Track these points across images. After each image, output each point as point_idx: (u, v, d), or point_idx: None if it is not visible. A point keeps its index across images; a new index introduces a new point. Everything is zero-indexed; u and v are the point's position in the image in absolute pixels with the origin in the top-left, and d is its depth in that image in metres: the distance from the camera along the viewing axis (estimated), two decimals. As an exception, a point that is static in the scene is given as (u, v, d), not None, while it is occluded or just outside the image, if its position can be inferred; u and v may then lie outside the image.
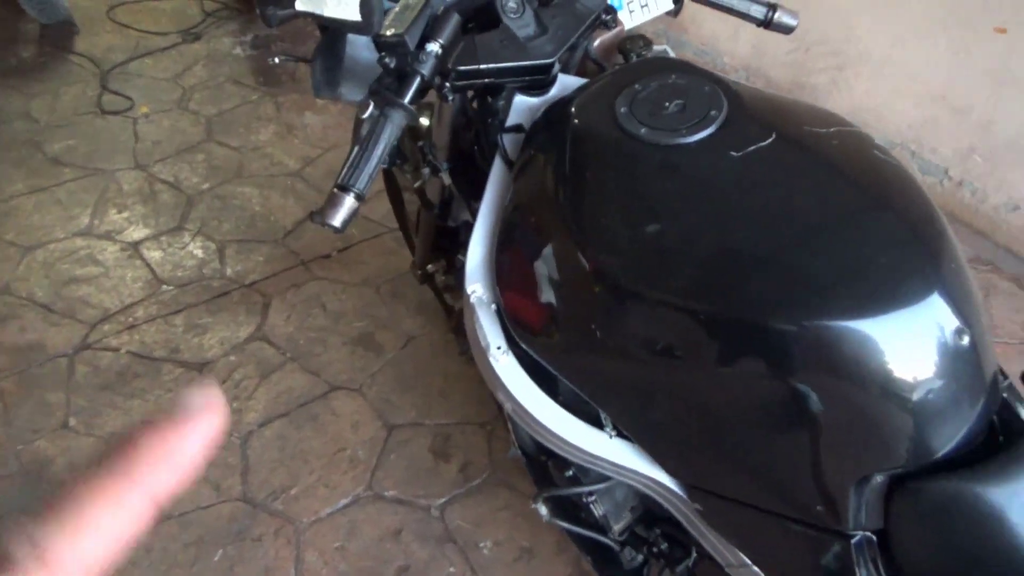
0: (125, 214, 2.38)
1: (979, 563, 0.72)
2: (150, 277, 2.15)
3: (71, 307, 2.06)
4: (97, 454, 0.26)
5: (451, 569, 1.54)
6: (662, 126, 0.86)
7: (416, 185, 1.46)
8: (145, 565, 1.52)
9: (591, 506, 1.16)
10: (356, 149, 0.92)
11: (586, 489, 1.10)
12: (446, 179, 1.25)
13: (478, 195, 1.27)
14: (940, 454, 0.74)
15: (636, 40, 1.21)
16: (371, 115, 0.95)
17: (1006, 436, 0.78)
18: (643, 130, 0.86)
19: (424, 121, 1.37)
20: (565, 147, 0.93)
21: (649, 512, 1.19)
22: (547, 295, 0.92)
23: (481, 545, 1.58)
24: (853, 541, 0.78)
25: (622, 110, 0.90)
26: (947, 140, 2.39)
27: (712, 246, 0.79)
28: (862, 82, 2.54)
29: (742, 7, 1.11)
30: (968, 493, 0.71)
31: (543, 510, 1.20)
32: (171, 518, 1.59)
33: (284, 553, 1.55)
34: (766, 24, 1.11)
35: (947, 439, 0.75)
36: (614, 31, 1.22)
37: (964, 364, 0.75)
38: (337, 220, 0.88)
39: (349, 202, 0.88)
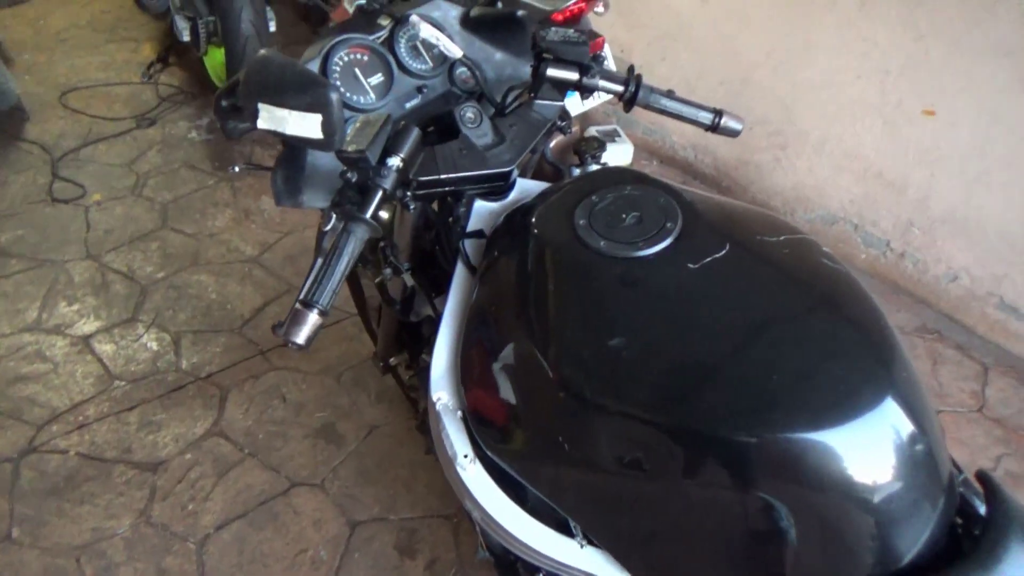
0: (75, 306, 2.32)
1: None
2: (101, 372, 2.09)
3: (17, 407, 1.98)
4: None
5: (420, 675, 1.49)
6: (620, 239, 0.89)
7: (376, 281, 1.47)
8: None
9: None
10: (319, 263, 0.93)
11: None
12: (408, 280, 1.26)
13: (439, 290, 1.29)
14: (906, 560, 0.76)
15: (591, 142, 1.25)
16: (334, 228, 0.96)
17: (967, 537, 0.80)
18: (602, 243, 0.89)
19: (384, 214, 1.38)
20: (527, 257, 0.96)
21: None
22: (512, 405, 0.92)
23: (449, 648, 1.54)
24: (827, 651, 0.78)
25: (581, 222, 0.92)
26: (887, 214, 2.50)
27: (671, 359, 0.81)
28: (803, 160, 2.66)
29: (690, 114, 1.16)
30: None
31: (514, 616, 1.17)
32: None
33: (244, 667, 1.48)
34: (713, 129, 1.17)
35: (910, 545, 0.76)
36: (566, 136, 1.27)
37: (921, 468, 0.77)
38: (301, 338, 0.88)
39: (313, 319, 0.88)
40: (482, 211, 1.11)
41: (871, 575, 0.76)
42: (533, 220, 0.98)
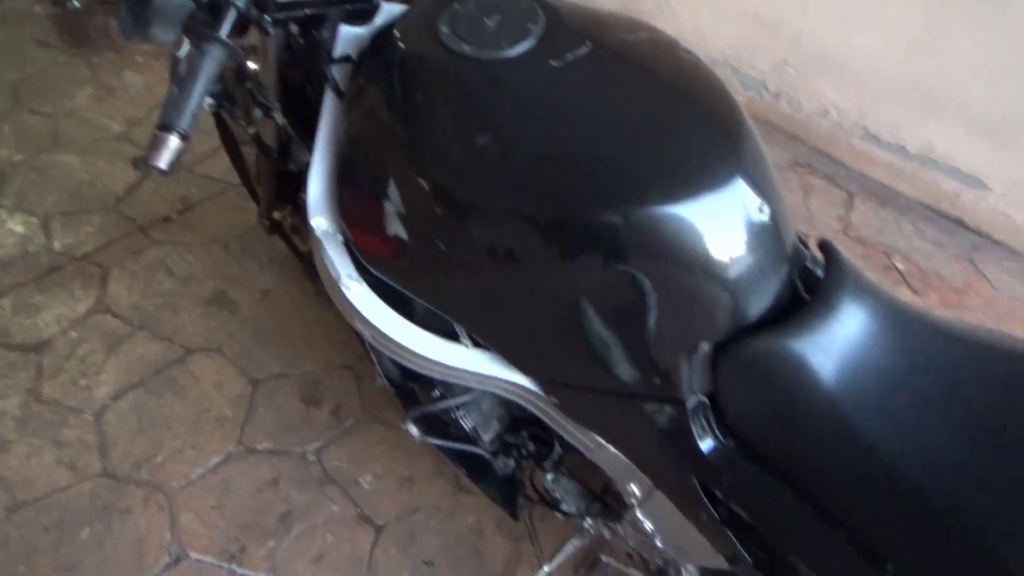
0: (-75, 196, 2.14)
1: (790, 406, 0.81)
2: (-35, 261, 1.96)
3: None
4: None
5: (334, 508, 1.56)
6: (483, 42, 0.89)
7: (252, 132, 1.41)
8: (2, 558, 1.43)
9: (460, 421, 1.20)
10: (174, 88, 0.88)
11: (452, 402, 1.14)
12: (279, 119, 1.22)
13: (313, 133, 1.25)
14: (753, 318, 0.83)
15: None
16: (187, 53, 0.91)
17: (809, 295, 0.88)
18: (466, 47, 0.88)
19: (252, 65, 1.32)
20: (394, 73, 0.94)
21: (514, 419, 1.25)
22: (390, 218, 0.93)
23: (361, 480, 1.61)
24: (688, 406, 0.86)
25: (444, 30, 0.91)
26: (763, 55, 2.57)
27: (539, 152, 0.83)
28: (684, 7, 2.67)
29: None
30: (776, 347, 0.80)
31: (414, 430, 1.23)
32: (25, 505, 1.50)
33: (157, 520, 1.51)
34: None
35: (758, 304, 0.83)
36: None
37: (767, 236, 0.83)
38: (162, 162, 0.85)
39: (173, 142, 0.85)
40: (348, 37, 1.07)
41: (724, 332, 0.83)
42: (397, 34, 0.96)
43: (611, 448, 1.00)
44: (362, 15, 1.07)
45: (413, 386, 1.27)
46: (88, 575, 1.42)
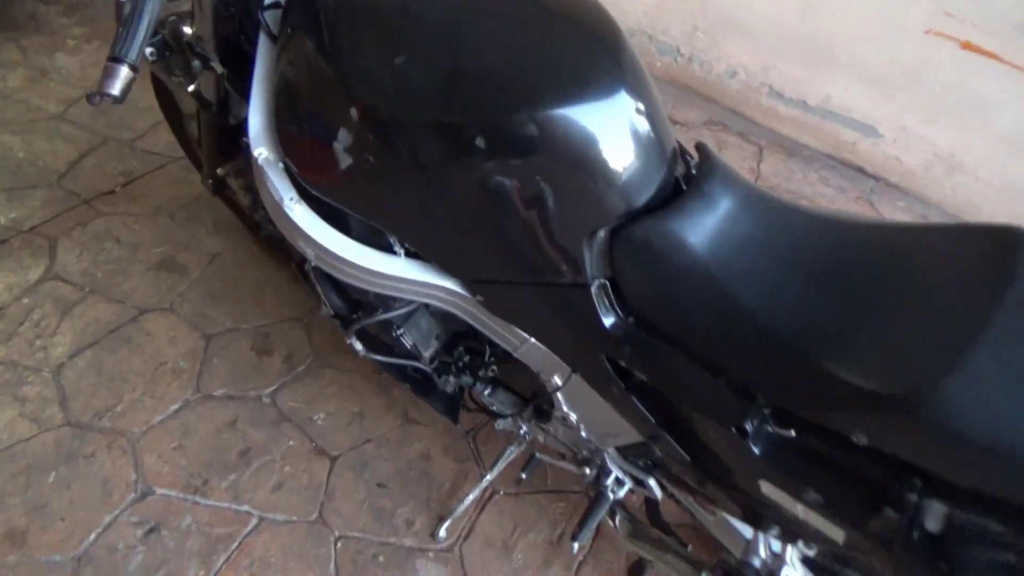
0: None
1: (674, 277, 0.96)
2: (-91, 238, 2.00)
3: None
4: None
5: (290, 443, 1.67)
6: (396, -25, 1.02)
7: (192, 89, 1.51)
8: (-29, 506, 1.51)
9: (401, 339, 1.33)
10: (121, 28, 0.99)
11: (391, 315, 1.26)
12: (218, 68, 1.32)
13: (250, 83, 1.37)
14: (640, 207, 0.98)
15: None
16: None
17: (687, 185, 1.04)
18: (380, -20, 1.01)
19: (187, 30, 1.42)
20: (318, 11, 1.06)
21: (451, 335, 1.39)
22: (324, 142, 1.05)
23: (315, 418, 1.72)
24: (592, 288, 1.01)
25: (361, -33, 1.04)
26: (675, 22, 2.75)
27: (448, 69, 0.96)
28: (601, -23, 2.83)
29: None
30: (660, 229, 0.95)
31: (358, 345, 1.36)
32: (-9, 456, 1.58)
33: (121, 462, 1.60)
34: None
35: (644, 195, 0.98)
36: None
37: (648, 135, 0.98)
38: (115, 89, 0.95)
39: (124, 71, 0.96)
40: None
41: (617, 220, 0.97)
42: (320, -25, 1.08)
43: (532, 340, 1.15)
44: None
45: (358, 315, 1.39)
46: (58, 513, 1.51)
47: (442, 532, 1.56)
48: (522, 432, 1.47)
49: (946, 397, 0.73)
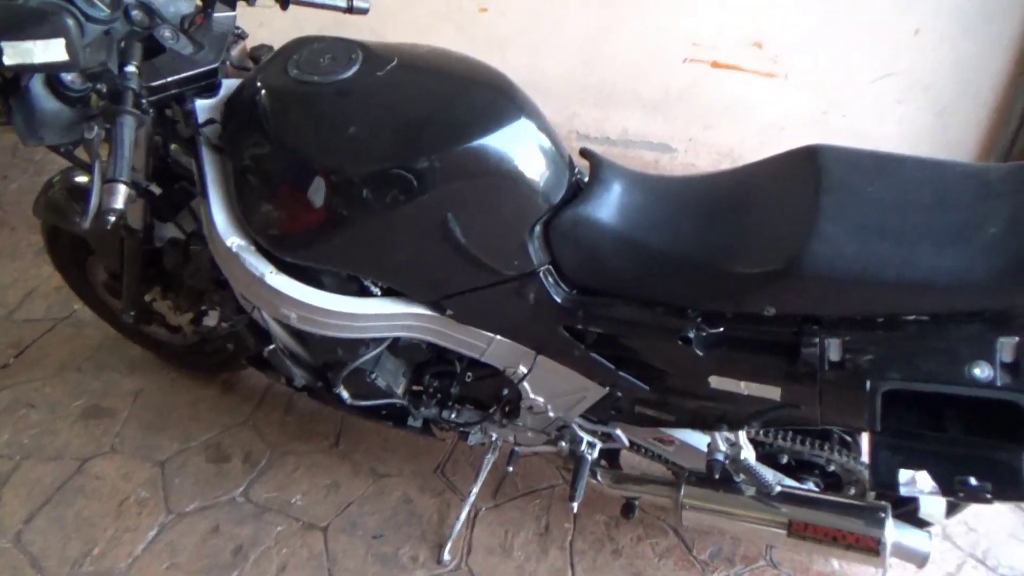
0: None
1: (594, 246, 1.26)
2: None
3: None
4: None
5: (278, 528, 1.76)
6: (326, 71, 1.27)
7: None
8: None
9: (375, 381, 1.52)
10: (98, 161, 1.15)
11: (360, 361, 1.45)
12: (156, 190, 1.48)
13: (176, 210, 1.55)
14: (558, 200, 1.28)
15: (262, 48, 1.58)
16: (98, 133, 1.18)
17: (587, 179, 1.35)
18: (315, 78, 1.26)
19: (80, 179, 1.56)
20: (265, 111, 1.28)
21: (416, 367, 1.59)
22: (297, 211, 1.27)
23: (292, 501, 1.82)
24: (539, 273, 1.29)
25: (294, 72, 1.28)
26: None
27: (389, 128, 1.23)
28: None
29: (329, 2, 1.55)
30: (577, 213, 1.25)
31: (345, 393, 1.52)
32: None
33: (119, 597, 1.61)
34: (348, 10, 1.57)
35: (559, 191, 1.28)
36: (240, 46, 1.58)
37: (551, 148, 1.29)
38: (117, 203, 1.10)
39: (123, 188, 1.11)
40: (204, 107, 1.38)
41: (545, 214, 1.26)
42: (258, 85, 1.30)
43: (498, 337, 1.39)
44: (210, 88, 1.39)
45: (327, 377, 1.55)
46: (73, 663, 1.49)
47: (446, 556, 1.71)
48: (493, 438, 1.68)
49: (814, 255, 1.08)
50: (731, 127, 2.92)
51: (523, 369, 1.45)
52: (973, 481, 1.13)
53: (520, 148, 1.25)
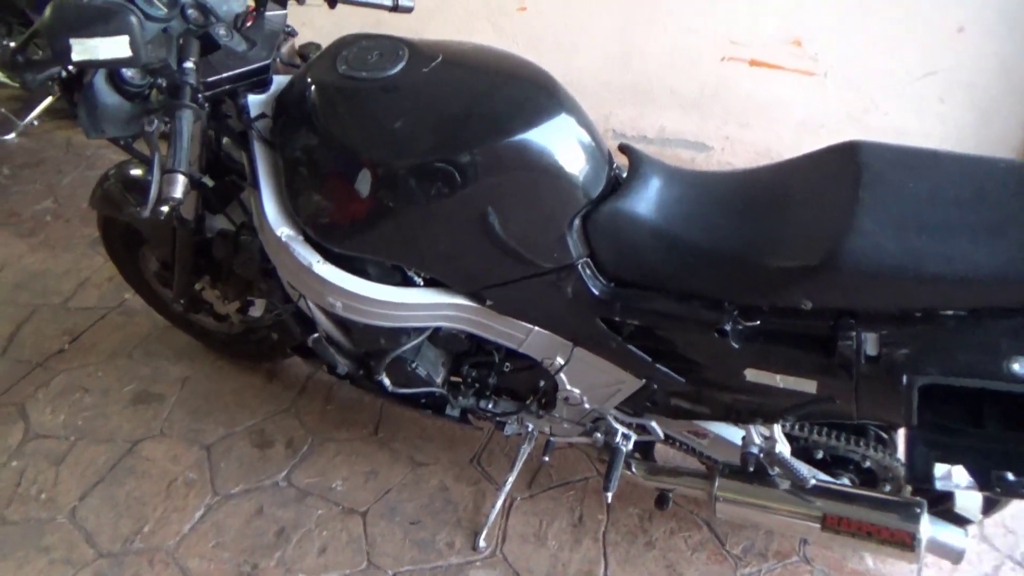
0: None
1: (633, 239, 1.28)
2: None
3: None
4: None
5: (319, 512, 1.81)
6: (374, 68, 1.32)
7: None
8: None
9: (416, 371, 1.56)
10: (158, 154, 1.21)
11: (402, 349, 1.49)
12: (209, 182, 1.54)
13: (226, 202, 1.60)
14: (598, 194, 1.31)
15: (309, 46, 1.64)
16: (157, 126, 1.24)
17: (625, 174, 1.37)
18: (363, 74, 1.31)
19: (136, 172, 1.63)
20: (315, 106, 1.33)
21: (456, 358, 1.63)
22: (346, 203, 1.31)
23: (333, 486, 1.87)
24: (578, 266, 1.31)
25: (343, 68, 1.33)
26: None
27: (438, 121, 1.27)
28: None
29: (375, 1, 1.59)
30: (617, 207, 1.28)
31: (387, 380, 1.57)
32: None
33: (167, 573, 1.67)
34: (394, 9, 1.61)
35: (598, 185, 1.31)
36: (289, 43, 1.64)
37: (591, 143, 1.32)
38: (177, 192, 1.15)
39: (180, 178, 1.16)
40: (256, 103, 1.44)
41: (584, 208, 1.29)
42: (308, 80, 1.35)
43: (536, 328, 1.42)
44: (261, 84, 1.44)
45: (371, 361, 1.60)
46: (125, 634, 1.56)
47: (481, 542, 1.75)
48: (529, 429, 1.71)
49: (852, 249, 1.09)
50: (768, 125, 2.91)
51: (560, 360, 1.47)
52: (1011, 476, 1.13)
53: (561, 143, 1.28)
